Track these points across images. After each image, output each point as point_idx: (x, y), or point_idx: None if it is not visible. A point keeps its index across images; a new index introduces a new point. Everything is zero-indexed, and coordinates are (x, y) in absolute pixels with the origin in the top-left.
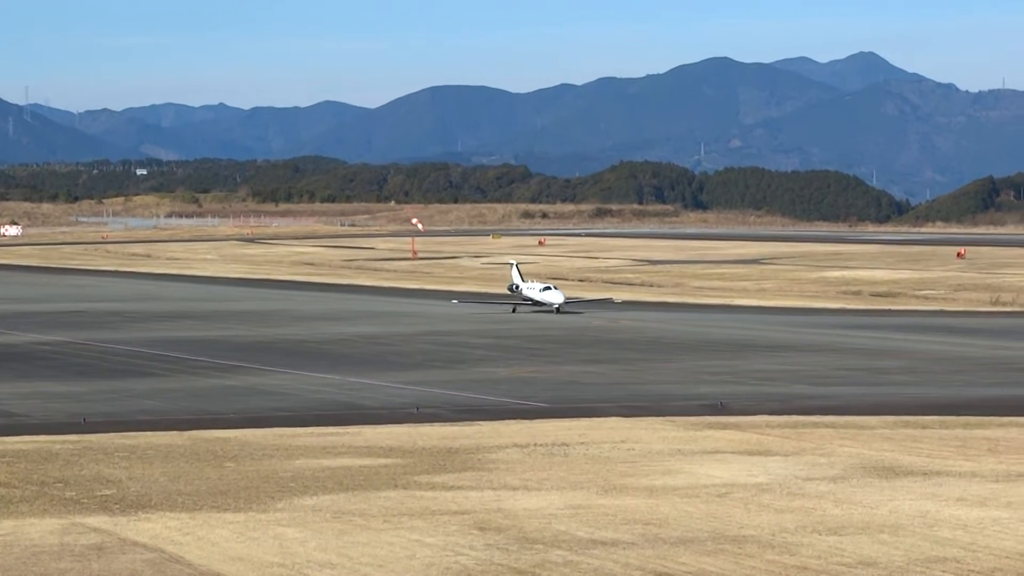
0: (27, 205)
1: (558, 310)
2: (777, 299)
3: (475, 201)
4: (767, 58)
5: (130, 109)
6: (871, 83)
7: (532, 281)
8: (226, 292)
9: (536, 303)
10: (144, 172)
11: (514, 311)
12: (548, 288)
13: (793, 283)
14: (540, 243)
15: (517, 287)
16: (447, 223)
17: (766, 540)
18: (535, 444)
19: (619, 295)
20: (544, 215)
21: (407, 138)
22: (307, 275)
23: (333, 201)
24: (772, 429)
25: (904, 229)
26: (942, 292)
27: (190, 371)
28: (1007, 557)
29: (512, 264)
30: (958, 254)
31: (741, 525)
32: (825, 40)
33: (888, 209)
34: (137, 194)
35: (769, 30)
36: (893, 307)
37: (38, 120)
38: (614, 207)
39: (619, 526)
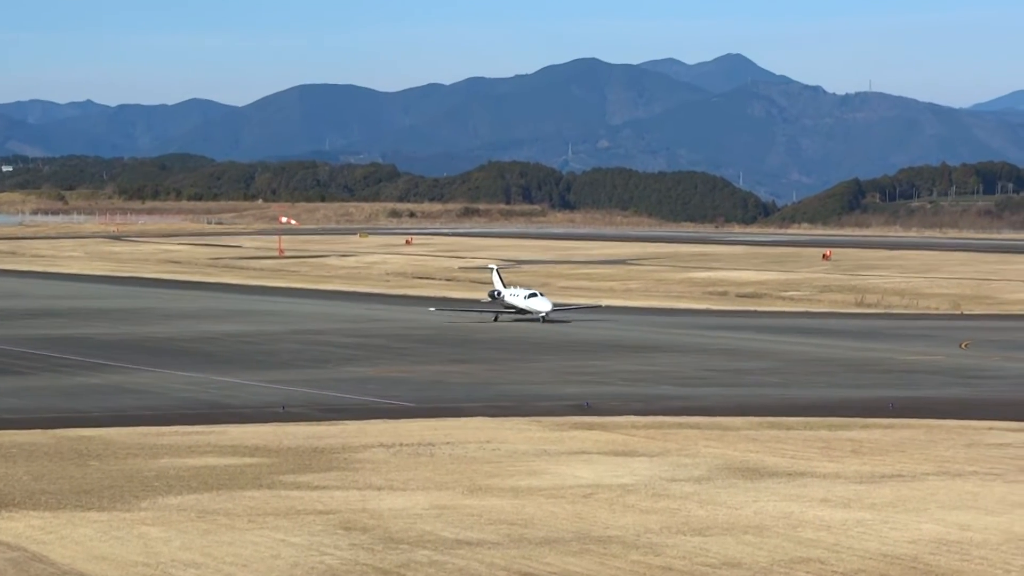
0: None
1: (544, 319)
2: (643, 299)
3: (342, 200)
4: (635, 59)
5: None
6: (738, 85)
7: (516, 288)
8: (92, 290)
9: (520, 311)
10: (9, 169)
11: (496, 320)
12: (534, 295)
13: (659, 284)
14: (407, 242)
15: (499, 294)
16: (314, 221)
17: (631, 540)
18: (401, 444)
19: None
20: (412, 214)
21: (275, 136)
22: (173, 273)
23: (200, 199)
24: (637, 430)
25: (770, 230)
26: (807, 293)
27: (54, 369)
28: (870, 558)
29: (493, 269)
30: (824, 256)
31: (606, 525)
32: (693, 41)
33: (755, 210)
34: (2, 191)
35: (637, 31)
36: (759, 308)
37: None
38: (482, 207)
39: (484, 526)
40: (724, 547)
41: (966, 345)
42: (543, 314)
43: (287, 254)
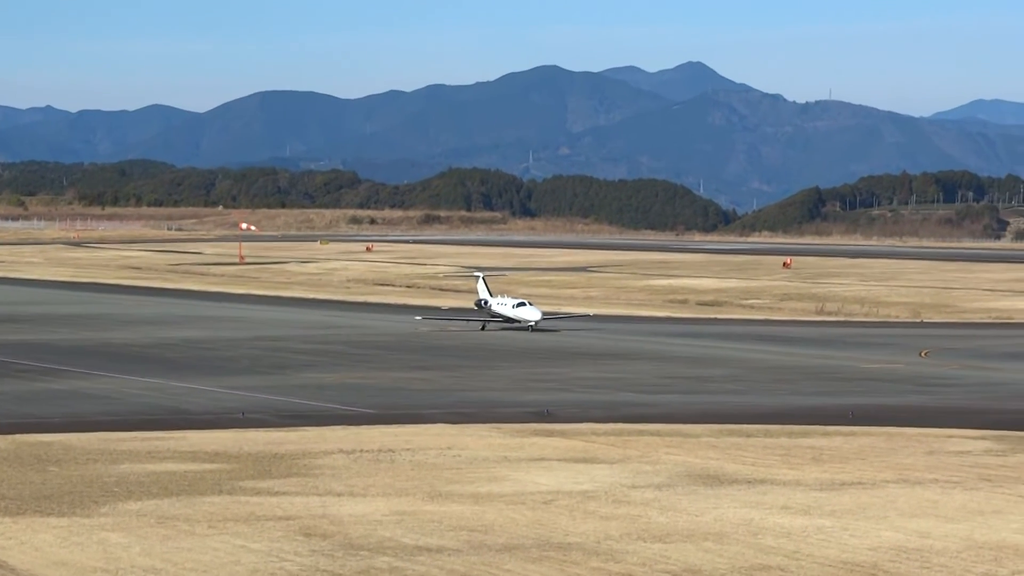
0: None
1: (533, 328)
2: (604, 307)
3: (303, 206)
4: (596, 67)
5: None
6: (699, 93)
7: (504, 296)
8: (51, 295)
9: (508, 320)
10: None
11: (483, 329)
12: (522, 304)
13: (620, 291)
14: (368, 249)
15: (485, 303)
16: (275, 228)
17: (591, 547)
18: (361, 450)
19: (447, 302)
20: (372, 221)
21: (236, 143)
22: (133, 279)
23: (160, 205)
24: (598, 437)
25: (731, 238)
26: (768, 301)
27: (13, 374)
28: (830, 565)
29: (479, 276)
30: (784, 264)
31: (566, 532)
32: (654, 49)
33: (715, 218)
34: None
35: (598, 39)
36: (719, 316)
37: None
38: (442, 214)
39: (445, 533)
40: (684, 554)
41: (926, 353)
42: (532, 323)
43: (247, 260)
